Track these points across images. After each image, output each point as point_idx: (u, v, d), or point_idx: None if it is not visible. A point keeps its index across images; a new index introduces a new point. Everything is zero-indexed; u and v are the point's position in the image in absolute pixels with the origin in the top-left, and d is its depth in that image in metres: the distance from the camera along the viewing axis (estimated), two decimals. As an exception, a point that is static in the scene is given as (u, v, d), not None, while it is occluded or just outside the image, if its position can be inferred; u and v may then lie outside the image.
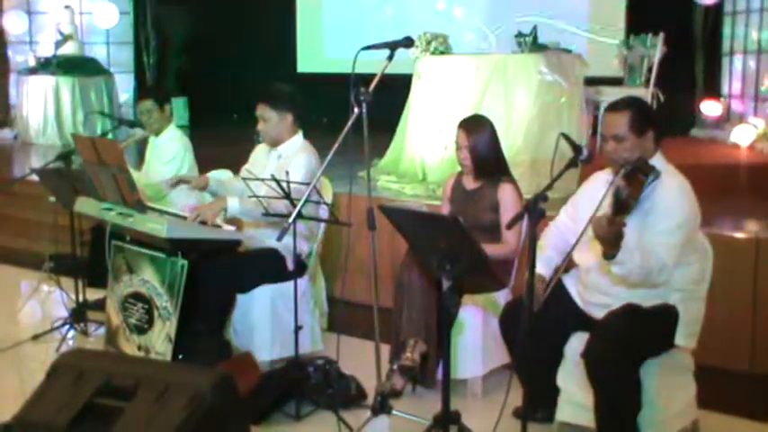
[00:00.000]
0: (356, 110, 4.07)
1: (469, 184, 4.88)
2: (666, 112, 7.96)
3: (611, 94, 7.95)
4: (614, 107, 3.91)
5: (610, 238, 3.48)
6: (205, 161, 6.29)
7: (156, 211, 4.94)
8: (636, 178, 3.58)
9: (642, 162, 3.67)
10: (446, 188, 5.05)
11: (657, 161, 3.80)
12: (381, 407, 4.27)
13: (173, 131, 6.05)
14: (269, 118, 5.08)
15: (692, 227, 3.83)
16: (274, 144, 5.15)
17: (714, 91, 9.77)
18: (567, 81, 7.00)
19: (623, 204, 3.48)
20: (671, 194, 3.75)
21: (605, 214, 3.48)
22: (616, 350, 3.66)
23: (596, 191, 3.92)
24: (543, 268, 4.13)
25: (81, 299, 5.73)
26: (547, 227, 4.33)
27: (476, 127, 4.79)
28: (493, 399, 4.50)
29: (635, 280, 3.71)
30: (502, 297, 4.67)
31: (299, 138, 5.16)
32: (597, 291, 3.97)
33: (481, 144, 4.75)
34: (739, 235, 5.24)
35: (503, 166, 4.86)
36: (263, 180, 4.60)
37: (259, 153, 5.34)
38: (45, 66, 11.95)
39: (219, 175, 5.86)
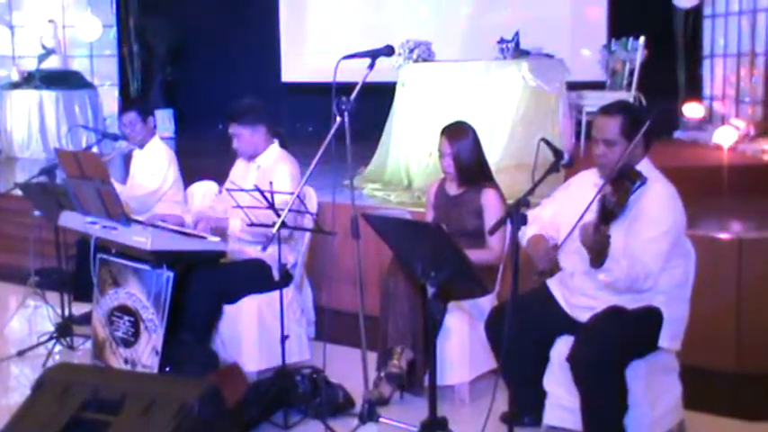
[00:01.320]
0: (338, 119, 4.09)
1: (453, 189, 4.89)
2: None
3: (593, 99, 8.00)
4: (607, 111, 3.91)
5: (596, 247, 3.51)
6: (191, 173, 6.29)
7: (140, 223, 4.95)
8: (622, 185, 3.59)
9: (628, 168, 3.68)
10: (429, 194, 5.05)
11: (644, 167, 3.81)
12: (369, 414, 4.28)
13: (157, 144, 6.05)
14: (241, 134, 5.12)
15: (679, 233, 3.85)
16: (252, 157, 5.20)
17: (696, 93, 9.83)
18: (550, 86, 7.02)
19: (610, 212, 3.50)
20: (658, 201, 3.77)
21: (591, 222, 3.50)
22: (601, 353, 3.67)
23: (583, 192, 3.93)
24: (537, 230, 4.07)
25: (67, 313, 5.71)
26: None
27: (458, 134, 4.80)
28: (480, 404, 4.49)
29: (621, 287, 3.74)
30: (487, 303, 4.68)
31: (275, 147, 5.21)
32: (582, 294, 3.98)
33: (464, 151, 4.76)
34: (722, 235, 5.26)
35: (486, 172, 4.88)
36: (247, 191, 4.60)
37: (238, 167, 5.39)
38: (28, 80, 11.90)
39: (204, 188, 5.88)
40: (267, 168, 5.11)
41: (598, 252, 3.54)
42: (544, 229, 4.12)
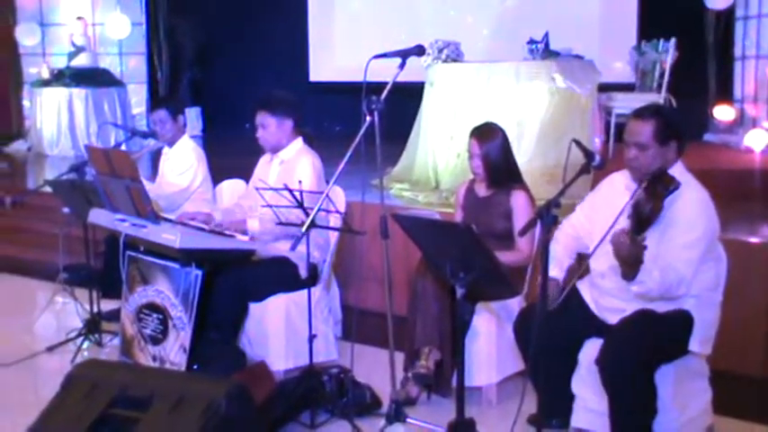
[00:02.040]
0: (368, 118, 4.08)
1: (482, 191, 4.88)
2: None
3: (623, 101, 7.96)
4: (640, 114, 3.87)
5: (631, 259, 3.48)
6: (218, 171, 6.30)
7: (169, 221, 4.96)
8: (655, 190, 3.56)
9: (662, 173, 3.65)
10: (458, 195, 5.04)
11: (677, 171, 3.77)
12: (396, 415, 4.27)
13: (186, 142, 6.05)
14: (268, 124, 5.13)
15: (712, 239, 3.83)
16: (274, 151, 5.20)
17: (727, 96, 9.75)
18: (581, 87, 6.99)
19: (645, 219, 3.48)
20: (691, 207, 3.74)
21: (625, 231, 3.47)
22: (630, 356, 3.65)
23: (614, 194, 3.93)
24: (555, 270, 4.12)
25: (95, 310, 5.74)
26: (560, 224, 4.29)
27: (487, 135, 4.79)
28: (507, 406, 4.48)
29: (655, 296, 3.72)
30: (516, 304, 4.66)
31: (298, 142, 5.21)
32: (611, 295, 3.96)
33: (493, 152, 4.75)
34: (753, 239, 5.22)
35: (515, 174, 4.86)
36: (277, 190, 4.61)
37: (261, 164, 5.40)
38: (58, 77, 12.01)
39: (232, 186, 5.89)
40: (290, 162, 5.12)
41: (632, 264, 3.52)
42: (566, 246, 4.18)
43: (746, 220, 5.78)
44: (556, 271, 4.12)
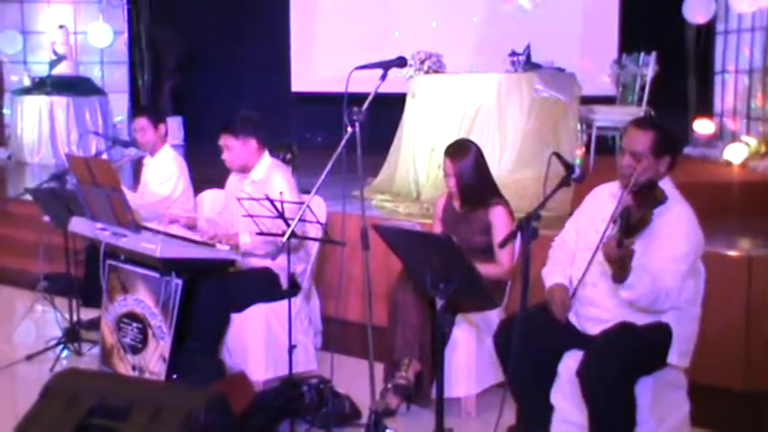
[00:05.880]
0: (349, 129, 4.09)
1: (460, 205, 4.88)
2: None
3: (603, 113, 8.00)
4: (640, 124, 3.92)
5: (620, 261, 3.50)
6: (199, 181, 6.30)
7: (150, 230, 4.95)
8: (644, 201, 3.60)
9: (651, 185, 3.69)
10: (437, 208, 5.04)
11: (666, 185, 3.81)
12: (376, 425, 4.26)
13: (167, 151, 6.06)
14: (232, 146, 5.13)
15: (697, 255, 3.86)
16: (243, 170, 5.20)
17: (706, 109, 9.82)
18: (563, 97, 7.01)
19: (633, 226, 3.51)
20: (678, 223, 3.77)
21: (614, 236, 3.50)
22: (610, 369, 3.66)
23: (600, 205, 3.96)
24: (560, 277, 4.11)
25: (75, 318, 5.71)
26: (554, 241, 4.32)
27: (460, 153, 4.77)
28: (487, 418, 4.48)
29: (643, 304, 3.72)
30: (496, 315, 4.68)
31: (266, 159, 5.21)
32: (591, 305, 3.97)
33: (466, 169, 4.73)
34: (732, 253, 5.24)
35: (492, 189, 4.85)
36: (258, 200, 4.60)
37: (232, 183, 5.41)
38: (39, 85, 11.97)
39: (213, 196, 5.88)
40: (261, 181, 5.11)
41: (622, 266, 3.54)
42: (562, 260, 4.17)
43: (725, 234, 5.81)
44: (561, 277, 4.10)
